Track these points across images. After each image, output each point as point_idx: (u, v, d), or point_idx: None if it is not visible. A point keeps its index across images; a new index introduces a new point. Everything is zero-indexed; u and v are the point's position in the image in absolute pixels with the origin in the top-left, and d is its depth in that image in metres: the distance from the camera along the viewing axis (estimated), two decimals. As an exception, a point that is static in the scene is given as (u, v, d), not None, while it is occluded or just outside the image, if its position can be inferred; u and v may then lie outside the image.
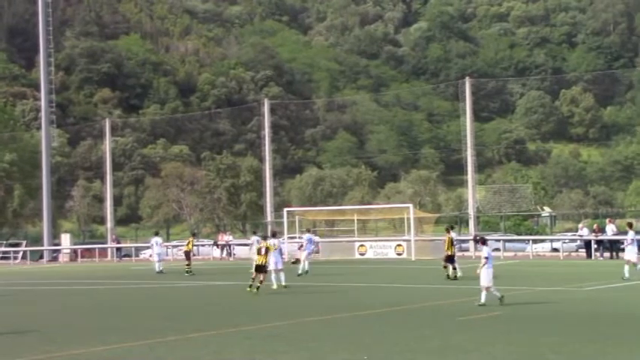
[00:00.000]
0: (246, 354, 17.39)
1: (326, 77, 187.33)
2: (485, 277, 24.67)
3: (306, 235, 44.97)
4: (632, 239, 34.38)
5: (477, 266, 26.45)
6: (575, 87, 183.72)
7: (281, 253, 35.17)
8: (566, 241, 58.45)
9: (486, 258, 24.78)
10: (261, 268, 31.30)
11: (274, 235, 37.07)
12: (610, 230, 52.53)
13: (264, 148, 72.06)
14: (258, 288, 30.94)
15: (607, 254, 51.62)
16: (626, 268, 33.41)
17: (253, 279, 31.47)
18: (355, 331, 20.58)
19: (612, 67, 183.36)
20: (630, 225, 36.00)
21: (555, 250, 57.84)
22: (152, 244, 50.59)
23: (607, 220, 58.52)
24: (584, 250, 54.13)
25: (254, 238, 42.94)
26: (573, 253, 55.79)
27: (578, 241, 56.22)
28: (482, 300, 24.60)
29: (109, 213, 76.04)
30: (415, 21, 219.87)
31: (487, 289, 24.70)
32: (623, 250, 50.58)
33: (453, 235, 36.77)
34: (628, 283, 32.64)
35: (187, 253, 46.07)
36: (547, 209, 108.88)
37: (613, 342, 18.17)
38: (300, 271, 40.41)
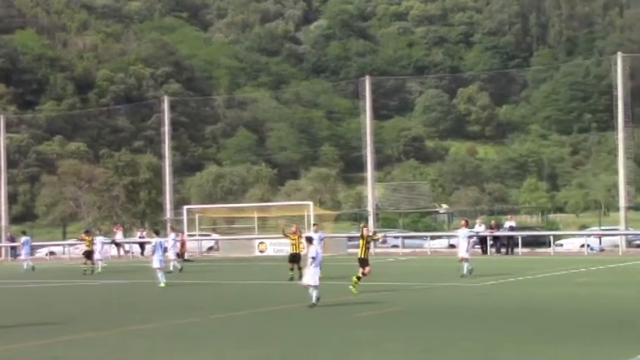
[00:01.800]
0: (146, 352, 17.30)
1: (226, 74, 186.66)
2: (310, 276, 24.85)
3: (171, 234, 44.99)
4: (465, 237, 34.95)
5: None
6: (471, 86, 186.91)
7: (165, 251, 35.13)
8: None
9: (313, 258, 24.98)
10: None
11: (157, 233, 36.88)
12: (508, 226, 53.88)
13: (163, 145, 71.44)
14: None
15: (503, 250, 52.75)
16: (465, 265, 34.07)
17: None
18: (255, 328, 20.63)
19: (507, 66, 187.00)
20: (466, 223, 36.54)
21: (452, 246, 58.71)
22: (21, 244, 49.91)
23: (508, 216, 59.91)
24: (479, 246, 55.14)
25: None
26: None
27: (475, 237, 57.20)
28: (313, 300, 24.73)
29: (3, 211, 74.43)
30: (315, 19, 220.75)
31: (309, 286, 24.81)
32: (517, 245, 52.15)
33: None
34: (520, 279, 33.45)
35: (88, 253, 45.26)
36: (444, 206, 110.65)
37: (508, 337, 18.61)
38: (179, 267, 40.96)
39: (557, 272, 36.23)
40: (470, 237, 35.46)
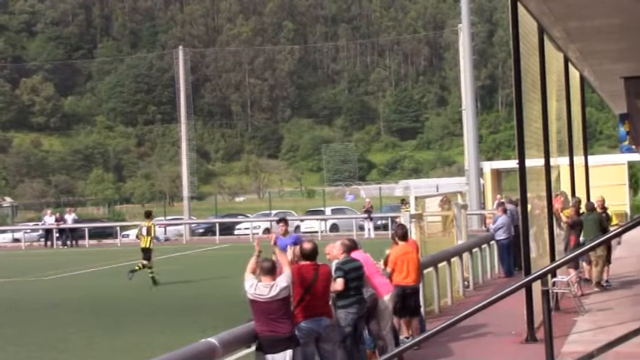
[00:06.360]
0: None
1: None
2: None
3: None
4: None
5: None
6: (35, 76, 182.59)
7: None
8: (28, 231, 58.24)
9: None
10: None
11: None
12: (71, 219, 53.64)
13: None
14: None
15: (69, 242, 52.46)
16: None
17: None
18: None
19: (72, 57, 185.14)
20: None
21: (17, 240, 57.36)
22: None
23: (67, 209, 59.54)
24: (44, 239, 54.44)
25: None
26: (35, 243, 55.79)
27: (41, 231, 56.39)
28: None
29: None
30: None
31: None
32: (82, 237, 52.10)
33: None
34: (88, 270, 33.57)
35: None
36: (8, 199, 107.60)
37: (75, 328, 18.77)
38: None
39: (124, 263, 36.68)
40: None
